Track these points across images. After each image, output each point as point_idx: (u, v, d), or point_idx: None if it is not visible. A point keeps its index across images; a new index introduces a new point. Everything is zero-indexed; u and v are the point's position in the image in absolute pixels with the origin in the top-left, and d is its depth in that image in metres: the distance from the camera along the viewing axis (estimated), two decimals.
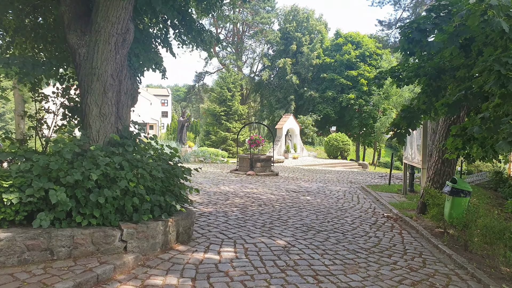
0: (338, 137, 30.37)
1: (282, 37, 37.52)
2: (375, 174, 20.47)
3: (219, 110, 28.10)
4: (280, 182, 13.20)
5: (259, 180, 13.34)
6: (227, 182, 12.26)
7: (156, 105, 76.04)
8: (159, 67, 8.81)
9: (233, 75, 29.89)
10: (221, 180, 12.76)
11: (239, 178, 13.59)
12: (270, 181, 13.21)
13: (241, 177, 14.03)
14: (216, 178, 13.36)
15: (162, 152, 5.76)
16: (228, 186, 11.15)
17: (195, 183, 11.23)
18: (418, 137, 10.25)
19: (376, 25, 39.73)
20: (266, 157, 15.43)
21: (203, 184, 11.24)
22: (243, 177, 14.06)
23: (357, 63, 35.97)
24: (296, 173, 17.84)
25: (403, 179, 11.85)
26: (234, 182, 12.37)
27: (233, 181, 12.49)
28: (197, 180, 12.24)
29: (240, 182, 12.30)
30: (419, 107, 5.93)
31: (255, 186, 11.44)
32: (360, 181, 15.28)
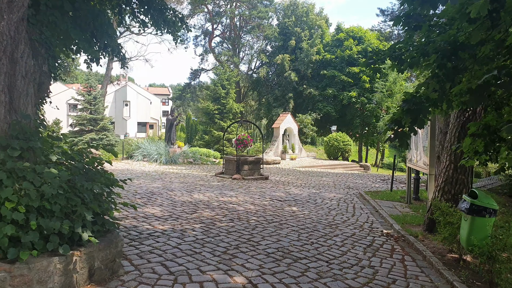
0: (339, 137, 28.80)
1: (280, 32, 35.98)
2: (377, 177, 18.92)
3: (213, 108, 26.63)
4: (267, 187, 11.70)
5: (244, 186, 11.84)
6: (205, 188, 10.77)
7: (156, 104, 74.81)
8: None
9: (227, 72, 28.40)
10: (200, 185, 11.28)
11: (221, 183, 12.10)
12: (256, 187, 11.71)
13: (225, 182, 12.54)
14: (195, 183, 11.88)
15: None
16: (204, 193, 9.67)
17: (166, 190, 9.76)
18: (424, 137, 8.72)
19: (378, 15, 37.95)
20: (255, 159, 13.95)
21: (175, 191, 9.75)
22: (227, 182, 12.57)
23: (359, 59, 34.34)
24: (290, 176, 16.34)
25: (406, 185, 10.31)
26: (213, 188, 10.89)
27: (213, 187, 11.01)
28: (169, 186, 10.77)
29: (220, 188, 10.81)
30: (428, 97, 4.40)
31: (236, 194, 9.95)
32: (359, 186, 13.76)
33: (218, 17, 35.66)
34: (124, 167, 16.82)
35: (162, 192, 9.44)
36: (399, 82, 33.61)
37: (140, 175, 13.53)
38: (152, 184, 10.96)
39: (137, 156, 20.43)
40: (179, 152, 21.30)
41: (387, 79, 33.99)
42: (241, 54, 38.74)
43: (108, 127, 22.23)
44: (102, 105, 22.63)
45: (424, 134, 8.82)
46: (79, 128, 21.83)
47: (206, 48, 37.19)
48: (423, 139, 8.90)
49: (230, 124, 18.01)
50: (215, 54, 35.89)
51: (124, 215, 6.74)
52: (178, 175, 14.00)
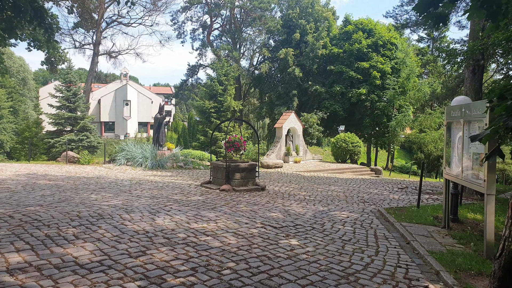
0: (347, 137, 26.23)
1: (284, 25, 33.46)
2: (392, 183, 16.38)
3: (209, 106, 24.21)
4: (261, 203, 9.23)
5: (232, 201, 9.39)
6: (179, 206, 8.33)
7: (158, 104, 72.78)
8: None
9: (225, 66, 25.95)
10: (173, 202, 8.84)
11: (204, 198, 9.65)
12: (248, 203, 9.25)
13: (209, 195, 10.09)
14: (170, 197, 9.45)
15: None
16: (173, 216, 7.22)
17: (123, 211, 7.32)
18: None
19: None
20: (249, 166, 11.49)
21: (134, 213, 7.31)
22: (212, 196, 10.12)
23: (369, 54, 31.78)
24: (292, 184, 13.86)
25: (443, 202, 7.77)
26: (190, 206, 8.44)
27: (190, 205, 8.56)
28: (131, 204, 8.35)
29: (198, 207, 8.36)
30: None
31: (217, 216, 7.49)
32: (375, 199, 11.25)
33: (217, 9, 33.21)
34: (98, 173, 14.46)
35: (115, 214, 7.01)
36: (413, 78, 31.00)
37: (107, 186, 11.13)
38: (111, 200, 8.54)
39: (119, 160, 18.08)
40: (168, 155, 18.92)
41: (399, 75, 31.38)
42: (242, 49, 36.27)
43: (89, 127, 19.91)
44: (83, 102, 20.29)
45: (473, 132, 6.32)
46: (57, 128, 19.52)
47: (204, 42, 34.75)
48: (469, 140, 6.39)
49: (220, 123, 15.49)
50: (213, 48, 33.43)
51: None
52: (155, 186, 11.59)
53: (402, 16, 16.99)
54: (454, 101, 8.24)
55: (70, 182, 11.40)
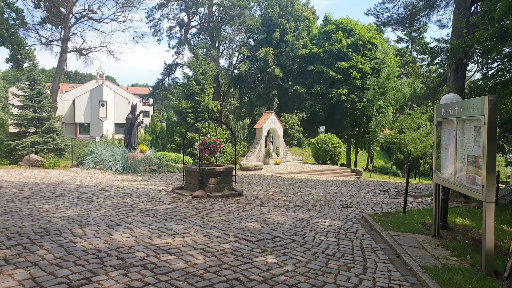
0: (328, 138, 25.74)
1: (263, 23, 32.76)
2: (373, 185, 15.88)
3: (185, 106, 23.22)
4: (237, 212, 8.44)
5: (204, 210, 8.55)
6: (143, 217, 7.45)
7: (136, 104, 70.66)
8: None
9: (203, 65, 25.01)
10: (138, 212, 7.95)
11: (173, 206, 8.78)
12: (222, 211, 8.43)
13: (179, 203, 9.22)
14: (134, 206, 8.53)
15: None
16: (135, 229, 6.34)
17: (76, 225, 6.39)
18: (471, 141, 5.61)
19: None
20: (225, 169, 10.67)
21: (89, 226, 6.38)
22: (183, 203, 9.25)
23: (349, 54, 31.44)
24: (272, 188, 13.13)
25: (433, 209, 7.15)
26: (156, 216, 7.56)
27: (156, 214, 7.69)
28: (88, 215, 7.42)
29: (165, 217, 7.50)
30: None
31: (185, 228, 6.65)
32: (358, 203, 10.64)
33: (195, 6, 32.20)
34: (61, 179, 13.34)
35: (65, 229, 6.07)
36: (392, 78, 30.84)
37: (66, 193, 10.11)
38: (65, 211, 7.58)
39: (88, 163, 16.93)
40: (140, 157, 17.89)
41: (379, 75, 31.18)
42: (221, 48, 35.35)
43: (56, 128, 18.61)
44: (49, 101, 18.98)
45: (468, 135, 5.72)
46: (19, 130, 18.16)
47: (182, 40, 33.64)
48: (466, 143, 5.80)
49: (193, 123, 14.53)
50: (190, 46, 32.38)
51: None
52: (121, 192, 10.63)
53: (383, 14, 16.54)
54: (443, 99, 7.67)
55: (25, 190, 10.31)
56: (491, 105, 4.98)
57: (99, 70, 69.85)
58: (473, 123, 5.54)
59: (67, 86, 78.70)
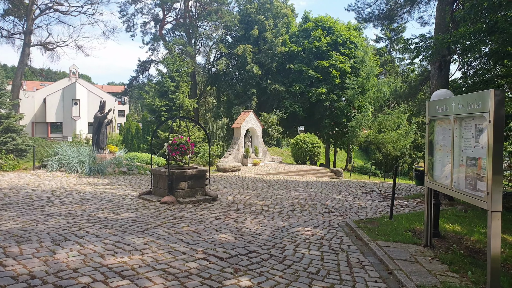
0: (307, 138, 25.15)
1: (241, 20, 31.90)
2: (354, 186, 15.32)
3: (159, 105, 22.11)
4: (209, 221, 7.57)
5: (173, 218, 7.65)
6: (98, 229, 6.49)
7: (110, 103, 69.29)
8: None
9: (178, 61, 23.94)
10: (95, 221, 6.98)
11: (136, 215, 7.83)
12: (192, 220, 7.55)
13: (145, 211, 8.28)
14: (92, 215, 7.54)
15: None
16: (85, 245, 5.39)
17: (13, 241, 5.39)
18: (471, 141, 4.96)
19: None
20: (197, 172, 9.78)
21: (29, 242, 5.37)
22: (149, 211, 8.32)
23: (329, 52, 30.99)
24: (249, 190, 12.33)
25: (425, 216, 6.48)
26: (114, 228, 6.62)
27: (115, 225, 6.74)
28: (34, 227, 6.41)
29: (125, 229, 6.57)
30: None
31: (147, 242, 5.75)
32: (340, 206, 9.98)
33: (170, 1, 31.01)
34: (17, 183, 12.12)
35: None
36: (372, 77, 30.58)
37: (16, 200, 8.99)
38: (7, 223, 6.53)
39: (51, 165, 15.68)
40: (110, 159, 16.75)
41: (358, 74, 30.87)
42: (197, 45, 34.25)
43: (16, 127, 17.22)
44: (9, 98, 17.55)
45: (467, 132, 5.08)
46: None
47: (156, 36, 32.36)
48: (462, 141, 5.16)
49: (162, 122, 13.46)
50: (165, 42, 31.14)
51: None
52: (81, 198, 9.59)
53: (364, 10, 16.01)
54: (435, 95, 7.05)
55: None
56: (497, 99, 4.32)
57: (72, 68, 67.37)
58: (473, 121, 4.88)
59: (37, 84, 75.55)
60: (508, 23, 9.02)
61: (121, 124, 60.48)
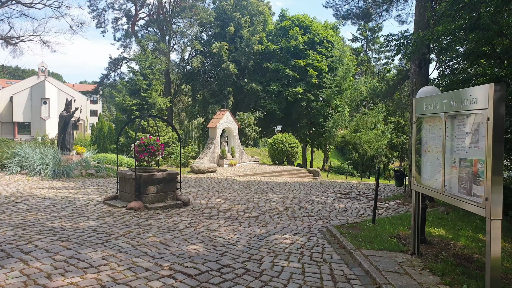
0: (285, 138, 24.73)
1: (217, 17, 31.17)
2: (332, 187, 14.96)
3: (130, 103, 21.13)
4: (179, 229, 6.91)
5: (138, 227, 6.93)
6: (50, 242, 5.72)
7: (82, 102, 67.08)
8: None
9: (150, 58, 23.00)
10: (48, 232, 6.19)
11: (98, 223, 7.06)
12: (160, 229, 6.86)
13: (108, 218, 7.52)
14: (46, 224, 6.73)
15: None
16: (31, 262, 4.64)
17: None
18: (465, 141, 4.53)
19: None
20: (168, 175, 9.07)
21: None
22: (113, 219, 7.56)
23: (306, 51, 30.70)
24: (225, 193, 11.71)
25: (412, 221, 6.04)
26: (69, 240, 5.86)
27: (71, 237, 5.98)
28: None
29: (81, 242, 5.82)
30: None
31: (105, 257, 5.04)
32: (320, 210, 9.52)
33: None
34: None
35: None
36: (349, 77, 30.49)
37: None
38: None
39: (11, 168, 14.54)
40: (76, 160, 15.74)
41: (335, 74, 30.72)
42: (172, 42, 33.24)
43: None
44: None
45: (460, 131, 4.65)
46: None
47: (128, 32, 31.15)
48: (454, 141, 4.74)
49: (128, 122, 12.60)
50: (138, 39, 30.01)
51: None
52: (38, 205, 8.70)
53: (342, 7, 15.70)
54: (421, 92, 6.64)
55: None
56: (497, 95, 3.90)
57: (41, 65, 64.64)
58: (468, 118, 4.45)
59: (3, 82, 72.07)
60: (491, 20, 8.77)
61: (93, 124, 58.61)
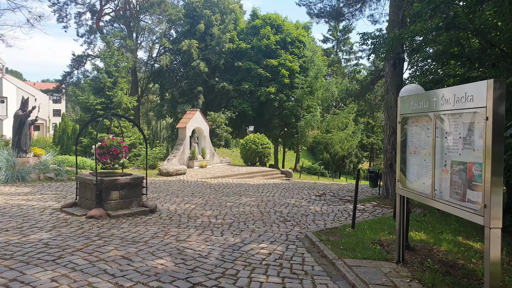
0: (257, 138, 24.29)
1: (187, 14, 30.31)
2: (306, 188, 14.64)
3: (94, 102, 20.00)
4: (144, 240, 6.24)
5: (98, 239, 6.21)
6: None
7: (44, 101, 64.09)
8: None
9: (116, 55, 21.91)
10: None
11: (51, 235, 6.28)
12: (123, 241, 6.17)
13: (64, 229, 6.74)
14: None
15: None
16: None
17: None
18: (458, 142, 4.19)
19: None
20: (132, 179, 8.34)
21: None
22: (70, 229, 6.78)
23: (278, 51, 30.41)
24: (195, 197, 11.07)
25: (397, 227, 5.67)
26: (13, 258, 5.08)
27: (18, 253, 5.20)
28: None
29: (28, 259, 5.06)
30: None
31: (56, 278, 4.34)
32: (296, 214, 9.09)
33: None
34: None
35: None
36: (320, 77, 30.48)
37: None
38: None
39: None
40: (34, 163, 14.59)
41: (307, 74, 30.62)
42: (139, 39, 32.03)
43: None
44: None
45: (453, 131, 4.32)
46: None
47: (93, 28, 29.68)
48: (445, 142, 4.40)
49: (90, 120, 11.68)
50: (103, 35, 28.61)
51: None
52: None
53: (316, 5, 15.44)
54: (404, 91, 6.32)
55: None
56: (497, 92, 3.55)
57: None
58: (462, 118, 4.11)
59: None
60: (468, 19, 8.64)
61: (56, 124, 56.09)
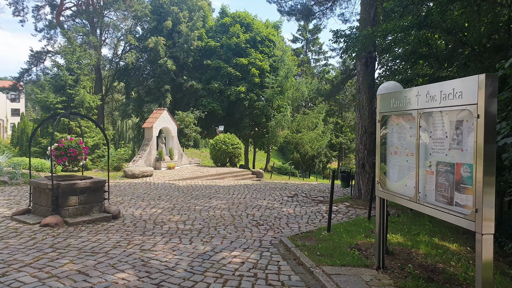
0: (227, 139, 23.80)
1: (153, 11, 29.36)
2: (277, 189, 14.35)
3: (54, 101, 18.81)
4: (104, 251, 5.66)
5: (52, 251, 5.56)
6: None
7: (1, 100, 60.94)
8: None
9: (78, 52, 20.76)
10: None
11: None
12: (80, 252, 5.55)
13: (13, 240, 6.02)
14: None
15: None
16: None
17: None
18: (444, 142, 3.96)
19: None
20: (92, 183, 7.67)
21: None
22: (19, 240, 6.07)
23: (247, 49, 30.04)
24: (162, 201, 10.47)
25: (377, 231, 5.40)
26: None
27: None
28: None
29: None
30: None
31: None
32: (269, 217, 8.73)
33: None
34: None
35: None
36: (291, 77, 30.39)
37: None
38: None
39: None
40: None
41: (277, 74, 30.45)
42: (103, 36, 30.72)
43: None
44: None
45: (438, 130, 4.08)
46: None
47: (53, 23, 28.10)
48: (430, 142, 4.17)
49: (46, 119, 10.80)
50: (64, 30, 27.10)
51: None
52: None
53: (287, 2, 15.19)
54: (382, 88, 6.07)
55: None
56: (489, 88, 3.31)
57: None
58: (448, 116, 3.87)
59: None
60: (441, 17, 8.60)
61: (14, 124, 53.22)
